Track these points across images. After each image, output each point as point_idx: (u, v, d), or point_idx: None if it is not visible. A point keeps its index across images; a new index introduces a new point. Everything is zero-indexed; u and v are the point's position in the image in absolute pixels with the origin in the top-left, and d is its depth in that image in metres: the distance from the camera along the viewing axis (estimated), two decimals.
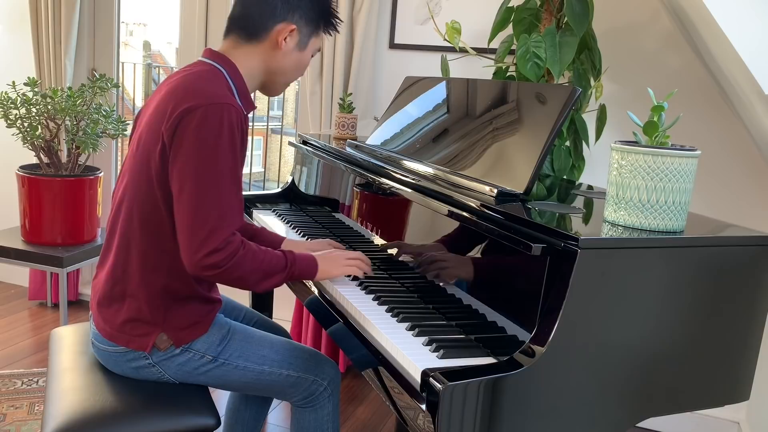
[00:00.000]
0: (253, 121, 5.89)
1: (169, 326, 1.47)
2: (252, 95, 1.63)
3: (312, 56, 1.63)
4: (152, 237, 1.44)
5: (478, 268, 1.39)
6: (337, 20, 1.65)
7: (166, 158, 1.38)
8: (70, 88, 2.88)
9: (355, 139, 2.35)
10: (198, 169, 1.34)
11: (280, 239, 1.83)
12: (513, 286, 1.28)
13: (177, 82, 1.44)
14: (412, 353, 1.23)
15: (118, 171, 3.63)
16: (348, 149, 2.11)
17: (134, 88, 4.09)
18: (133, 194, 1.45)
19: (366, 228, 1.88)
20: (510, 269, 1.29)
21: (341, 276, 1.59)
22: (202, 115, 1.34)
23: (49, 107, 2.77)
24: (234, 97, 1.44)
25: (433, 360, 1.21)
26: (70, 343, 1.69)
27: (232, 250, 1.35)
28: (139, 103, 4.23)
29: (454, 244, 1.47)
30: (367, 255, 1.75)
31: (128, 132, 2.99)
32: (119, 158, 3.66)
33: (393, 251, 1.70)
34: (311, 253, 1.55)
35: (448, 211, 1.46)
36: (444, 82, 1.95)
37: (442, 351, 1.23)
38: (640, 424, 2.39)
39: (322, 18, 1.60)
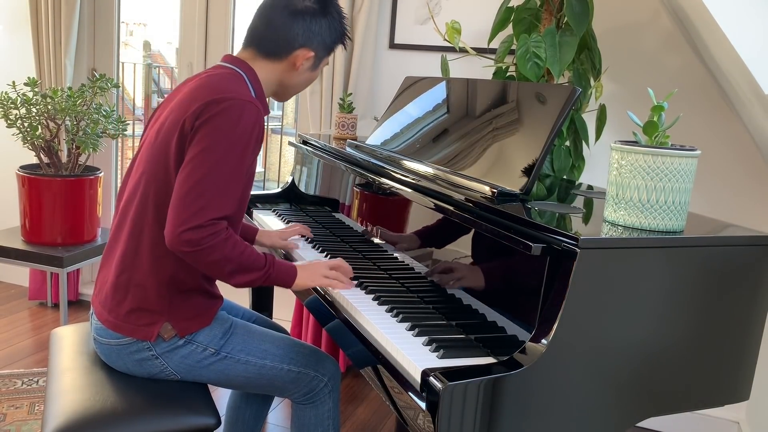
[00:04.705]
0: None
1: (173, 316, 1.50)
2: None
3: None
4: (163, 224, 1.46)
5: (478, 268, 1.39)
6: (348, 38, 1.72)
7: (182, 145, 1.43)
8: (70, 88, 2.88)
9: (355, 139, 2.35)
10: (207, 151, 1.38)
11: (255, 229, 1.95)
12: (513, 285, 1.28)
13: (200, 81, 1.49)
14: (412, 353, 1.23)
15: (119, 171, 3.63)
16: (348, 149, 2.11)
17: (134, 88, 4.08)
18: (149, 180, 1.48)
19: (366, 228, 1.88)
20: (510, 269, 1.29)
21: (319, 287, 1.61)
22: (224, 107, 1.40)
23: (49, 107, 2.77)
24: (254, 98, 1.49)
25: (433, 360, 1.21)
26: (71, 342, 1.70)
27: (213, 231, 1.37)
28: (140, 103, 4.23)
29: (454, 243, 1.47)
30: (366, 255, 1.75)
31: (128, 132, 3.00)
32: (119, 158, 3.66)
33: (397, 255, 1.70)
34: (293, 263, 1.57)
35: (448, 210, 1.46)
36: (444, 82, 1.95)
37: (442, 351, 1.23)
38: (640, 424, 2.39)
39: (337, 43, 1.67)
